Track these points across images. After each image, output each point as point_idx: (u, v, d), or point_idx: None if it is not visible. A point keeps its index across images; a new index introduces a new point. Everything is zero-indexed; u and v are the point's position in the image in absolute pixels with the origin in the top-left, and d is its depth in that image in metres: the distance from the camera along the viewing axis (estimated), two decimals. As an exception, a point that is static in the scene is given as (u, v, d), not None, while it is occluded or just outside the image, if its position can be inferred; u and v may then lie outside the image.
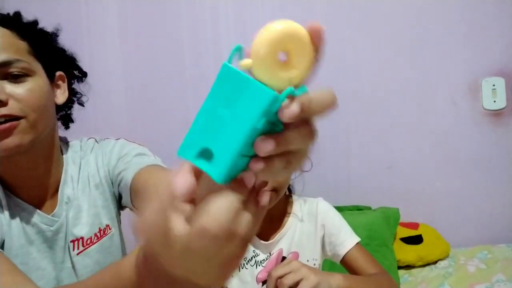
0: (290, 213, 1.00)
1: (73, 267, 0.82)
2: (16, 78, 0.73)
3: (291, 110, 0.34)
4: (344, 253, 0.96)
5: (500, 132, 1.68)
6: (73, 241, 0.81)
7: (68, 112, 0.94)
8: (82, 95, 0.95)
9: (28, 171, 0.79)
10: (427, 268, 1.55)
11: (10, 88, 0.72)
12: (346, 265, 0.97)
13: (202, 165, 0.37)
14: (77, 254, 0.82)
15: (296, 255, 0.97)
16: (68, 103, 0.91)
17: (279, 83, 0.36)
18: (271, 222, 0.99)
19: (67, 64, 0.92)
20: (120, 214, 0.95)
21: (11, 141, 0.70)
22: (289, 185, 1.07)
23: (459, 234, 1.68)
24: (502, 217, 1.69)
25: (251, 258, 0.97)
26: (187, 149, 0.37)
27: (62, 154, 0.87)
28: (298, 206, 1.01)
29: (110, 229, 0.88)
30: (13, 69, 0.73)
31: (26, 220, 0.79)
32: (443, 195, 1.72)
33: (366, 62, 1.75)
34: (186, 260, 0.36)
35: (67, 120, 0.95)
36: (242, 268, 0.96)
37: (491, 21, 1.66)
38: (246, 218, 0.36)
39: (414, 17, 1.72)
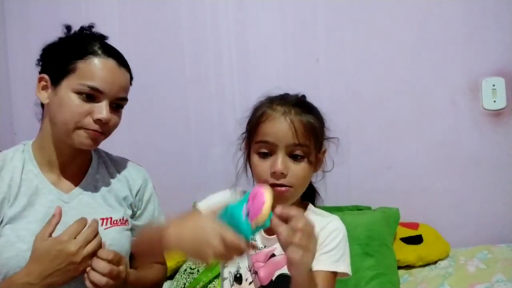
0: None
1: None
2: (119, 108, 1.01)
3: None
4: (315, 269, 0.85)
5: (500, 132, 1.68)
6: (102, 219, 1.00)
7: None
8: None
9: (72, 159, 1.02)
10: (427, 268, 1.55)
11: (113, 114, 0.98)
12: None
13: None
14: (105, 229, 1.00)
15: (286, 259, 0.94)
16: None
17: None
18: None
19: None
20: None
21: (94, 145, 0.98)
22: (315, 192, 1.02)
23: (459, 234, 1.68)
24: (502, 217, 1.69)
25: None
26: None
27: (91, 157, 1.09)
28: (309, 216, 0.96)
29: (128, 223, 1.07)
30: (122, 104, 1.02)
31: (47, 194, 0.98)
32: (443, 195, 1.72)
33: (366, 62, 1.75)
34: None
35: None
36: None
37: (491, 21, 1.66)
38: None
39: (414, 17, 1.72)
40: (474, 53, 1.68)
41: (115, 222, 1.02)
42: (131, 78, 1.05)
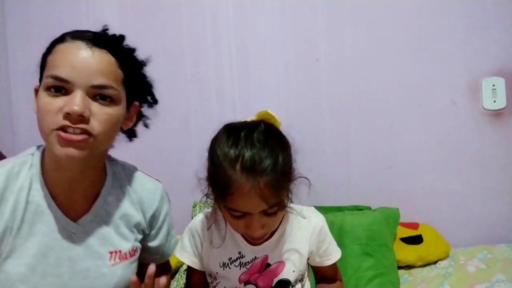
0: (281, 224, 0.97)
1: (104, 275, 0.87)
2: (103, 100, 0.79)
3: None
4: (321, 265, 1.03)
5: (500, 132, 1.68)
6: (110, 253, 0.88)
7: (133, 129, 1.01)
8: (147, 118, 1.03)
9: (81, 174, 0.84)
10: (427, 268, 1.55)
11: (95, 108, 0.78)
12: (315, 268, 1.05)
13: None
14: (112, 266, 0.88)
15: (282, 265, 0.97)
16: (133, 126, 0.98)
17: None
18: None
19: (145, 92, 1.00)
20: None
21: (75, 152, 0.76)
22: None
23: (459, 234, 1.68)
24: (502, 217, 1.69)
25: (236, 259, 0.97)
26: None
27: (106, 173, 0.92)
28: (292, 218, 0.99)
29: (137, 252, 0.95)
30: (105, 93, 0.79)
31: (54, 223, 0.83)
32: (443, 195, 1.72)
33: (366, 62, 1.75)
34: None
35: (130, 135, 1.03)
36: (227, 267, 0.97)
37: (491, 21, 1.66)
38: None
39: (414, 17, 1.72)
40: (474, 53, 1.68)
41: (124, 256, 0.90)
42: (124, 58, 0.86)
